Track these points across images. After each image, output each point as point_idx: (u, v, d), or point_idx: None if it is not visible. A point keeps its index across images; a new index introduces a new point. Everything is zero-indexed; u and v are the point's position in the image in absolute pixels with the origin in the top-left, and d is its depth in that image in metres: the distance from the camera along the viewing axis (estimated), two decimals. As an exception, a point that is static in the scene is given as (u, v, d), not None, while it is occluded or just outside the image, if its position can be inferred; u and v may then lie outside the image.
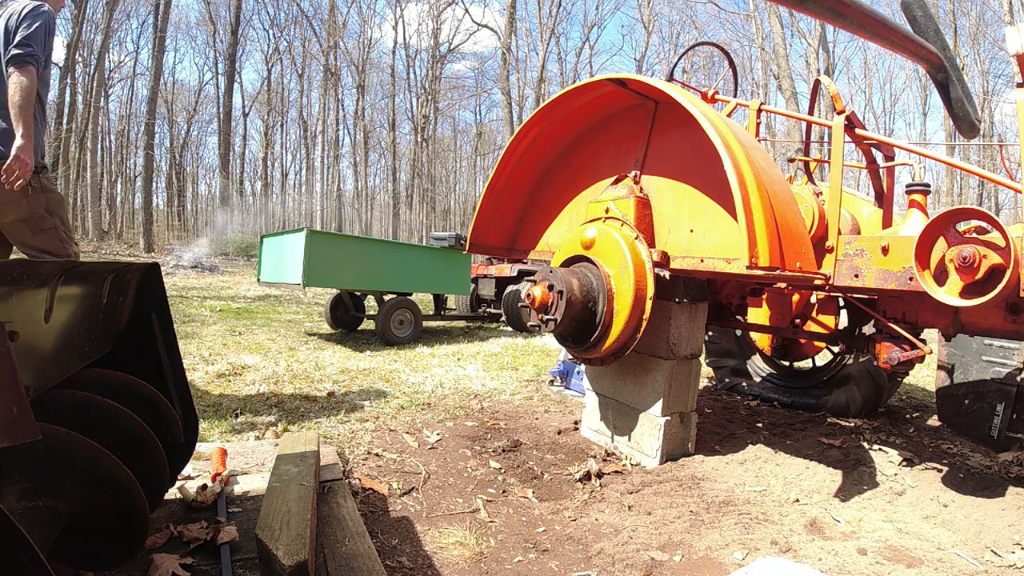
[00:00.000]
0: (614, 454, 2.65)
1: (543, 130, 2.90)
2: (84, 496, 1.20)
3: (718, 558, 1.77)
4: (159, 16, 19.67)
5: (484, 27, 31.46)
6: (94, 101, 24.61)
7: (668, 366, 2.51)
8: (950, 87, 2.53)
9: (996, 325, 2.23)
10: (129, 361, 1.61)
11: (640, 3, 30.58)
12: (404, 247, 6.34)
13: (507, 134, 24.44)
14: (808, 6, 2.03)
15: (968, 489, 2.36)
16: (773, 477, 2.41)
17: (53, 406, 1.28)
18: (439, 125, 36.67)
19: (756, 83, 26.12)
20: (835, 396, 3.58)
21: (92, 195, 26.34)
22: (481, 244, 3.17)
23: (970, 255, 1.85)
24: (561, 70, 32.48)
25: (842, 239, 2.31)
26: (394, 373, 4.21)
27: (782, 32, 17.10)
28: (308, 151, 36.05)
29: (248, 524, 1.69)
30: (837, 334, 3.04)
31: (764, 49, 21.40)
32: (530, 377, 4.39)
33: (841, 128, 2.43)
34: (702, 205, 2.29)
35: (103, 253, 19.35)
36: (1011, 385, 2.88)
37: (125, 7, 26.92)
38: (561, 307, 2.32)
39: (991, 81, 24.02)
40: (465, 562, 1.73)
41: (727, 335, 4.17)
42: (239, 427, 2.77)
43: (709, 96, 3.29)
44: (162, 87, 26.47)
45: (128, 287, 1.64)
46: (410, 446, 2.65)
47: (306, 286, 5.04)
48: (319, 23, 30.90)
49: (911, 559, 1.80)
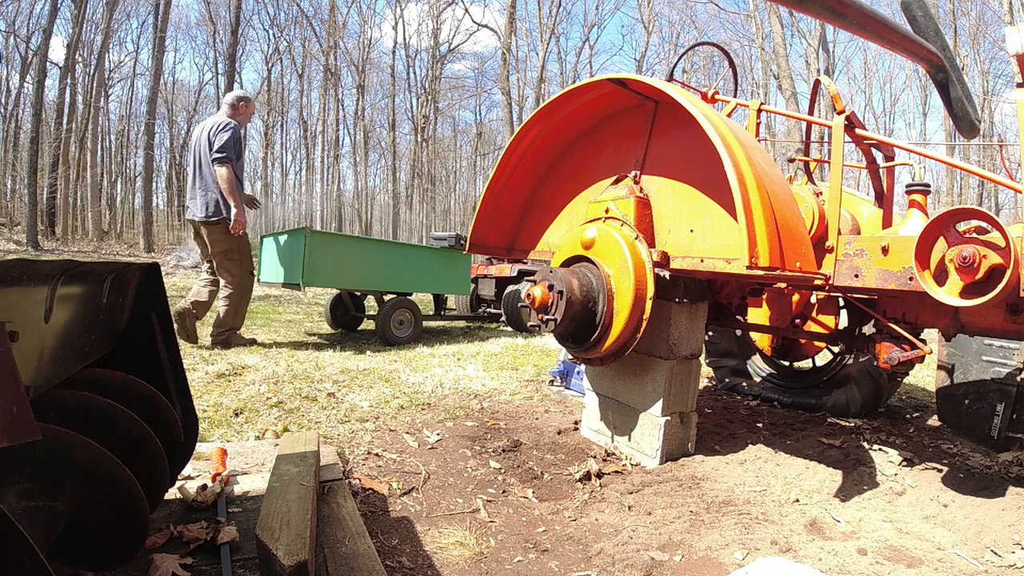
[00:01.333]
0: (614, 454, 2.65)
1: (543, 130, 2.90)
2: (84, 496, 1.20)
3: (718, 558, 1.77)
4: (159, 16, 19.67)
5: (484, 27, 31.50)
6: (94, 101, 24.62)
7: (668, 366, 2.51)
8: (950, 87, 2.53)
9: (996, 325, 2.23)
10: (129, 361, 1.61)
11: (640, 3, 30.58)
12: (404, 247, 6.34)
13: (507, 134, 24.43)
14: (808, 6, 2.03)
15: (968, 489, 2.36)
16: (773, 477, 2.41)
17: (53, 406, 1.28)
18: (439, 125, 36.67)
19: (756, 83, 26.12)
20: (835, 396, 3.58)
21: (92, 195, 26.33)
22: (481, 244, 3.17)
23: (970, 255, 1.85)
24: (561, 70, 32.48)
25: (842, 239, 2.31)
26: (394, 373, 4.21)
27: (782, 32, 17.11)
28: (308, 151, 36.05)
29: (248, 524, 1.69)
30: (837, 334, 3.03)
31: (764, 49, 21.40)
32: (530, 377, 4.39)
33: (841, 128, 2.43)
34: (702, 205, 2.29)
35: (103, 253, 19.36)
36: (1011, 385, 2.88)
37: (125, 7, 26.92)
38: (561, 307, 2.32)
39: (991, 81, 24.03)
40: (465, 562, 1.73)
41: (727, 335, 4.17)
42: (239, 427, 2.77)
43: (709, 96, 3.29)
44: (162, 87, 26.45)
45: (128, 287, 1.64)
46: (410, 446, 2.65)
47: (306, 286, 5.04)
48: (319, 23, 30.92)
49: (911, 559, 1.80)
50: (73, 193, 24.86)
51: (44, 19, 18.29)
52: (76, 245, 21.30)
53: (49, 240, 19.39)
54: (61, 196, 22.59)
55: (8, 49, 24.00)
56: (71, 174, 23.77)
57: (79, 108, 23.61)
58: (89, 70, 24.47)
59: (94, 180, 26.59)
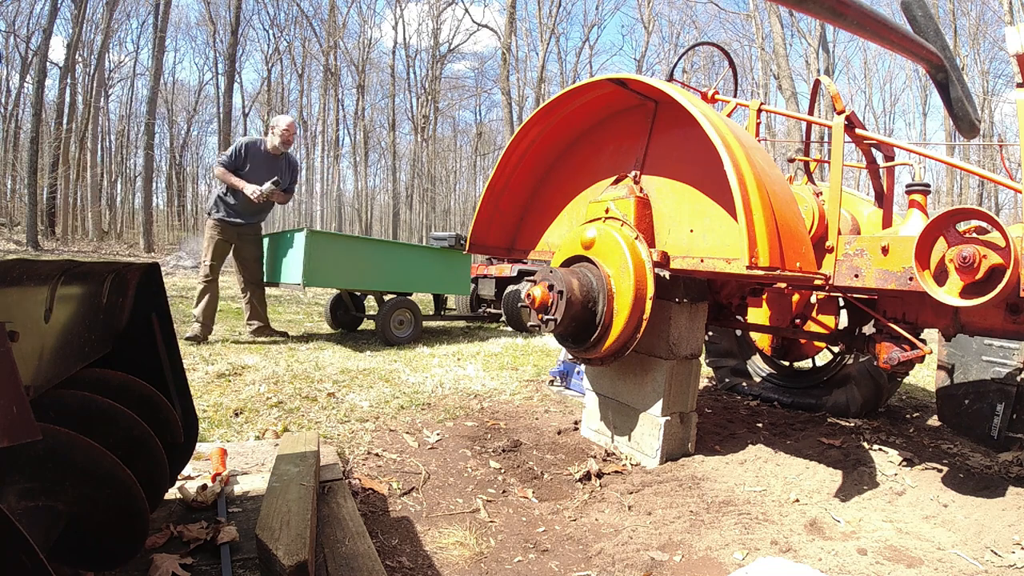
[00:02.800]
0: (614, 454, 2.65)
1: (543, 130, 2.90)
2: (84, 496, 1.20)
3: (718, 558, 1.77)
4: (159, 16, 19.67)
5: (484, 27, 31.45)
6: (94, 101, 24.62)
7: (668, 366, 2.51)
8: (950, 87, 2.52)
9: (996, 325, 2.23)
10: (129, 361, 1.61)
11: (640, 3, 30.56)
12: (404, 247, 6.34)
13: (507, 134, 24.43)
14: (808, 6, 2.03)
15: (968, 489, 2.36)
16: (773, 477, 2.41)
17: (53, 406, 1.28)
18: (439, 125, 36.63)
19: (756, 83, 26.11)
20: (835, 396, 3.58)
21: (92, 195, 26.33)
22: (481, 244, 3.17)
23: (970, 255, 1.85)
24: (561, 70, 32.46)
25: (842, 239, 2.31)
26: (394, 373, 4.21)
27: (782, 32, 17.11)
28: (308, 151, 36.02)
29: (248, 524, 1.69)
30: (837, 334, 3.03)
31: (764, 49, 21.39)
32: (530, 377, 4.39)
33: (841, 128, 2.43)
34: (702, 205, 2.29)
35: (103, 253, 19.36)
36: (1011, 385, 2.88)
37: (125, 7, 26.91)
38: (561, 307, 2.32)
39: (991, 81, 24.01)
40: (465, 562, 1.73)
41: (727, 335, 4.17)
42: (239, 427, 2.77)
43: (709, 96, 3.29)
44: (162, 87, 26.45)
45: (128, 287, 1.64)
46: (410, 446, 2.65)
47: (306, 286, 5.05)
48: (319, 23, 30.88)
49: (911, 559, 1.80)
50: (73, 193, 24.85)
51: (44, 19, 18.30)
52: (76, 245, 21.30)
53: (49, 240, 19.40)
54: (61, 196, 22.60)
55: (8, 49, 24.02)
56: (71, 174, 23.77)
57: (79, 108, 23.60)
58: (89, 70, 24.48)
59: (94, 180, 26.59)
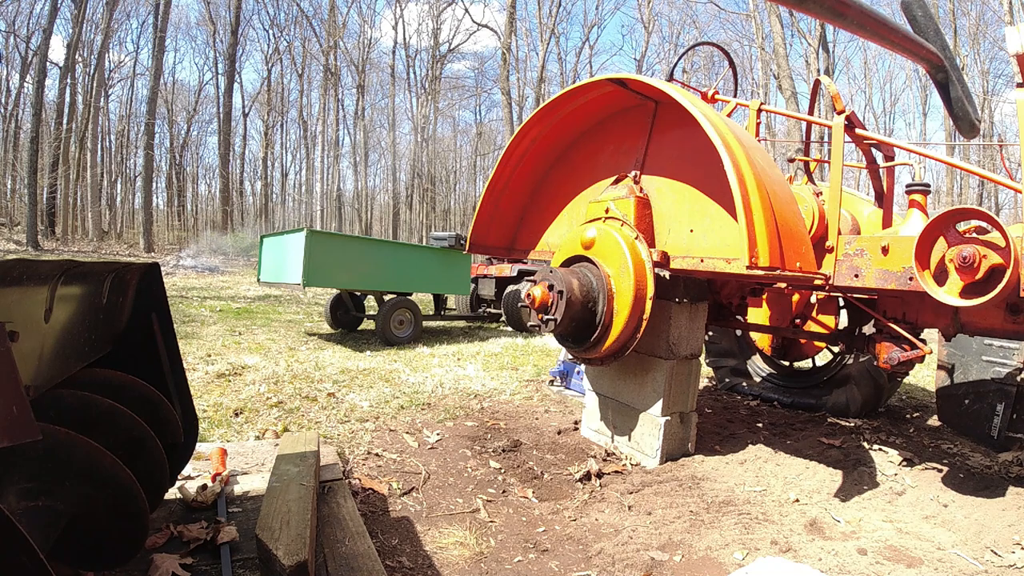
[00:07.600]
0: (614, 454, 2.65)
1: (543, 130, 2.90)
2: (84, 496, 1.20)
3: (718, 558, 1.77)
4: (159, 16, 19.68)
5: (484, 27, 31.47)
6: (94, 101, 24.61)
7: (668, 366, 2.51)
8: (950, 87, 2.52)
9: (996, 325, 2.23)
10: (129, 361, 1.61)
11: (640, 3, 30.55)
12: (404, 247, 6.34)
13: (507, 134, 24.43)
14: (808, 6, 2.03)
15: (968, 489, 2.36)
16: (773, 477, 2.41)
17: (53, 406, 1.28)
18: (439, 125, 36.64)
19: (756, 83, 26.10)
20: (835, 396, 3.58)
21: (92, 195, 26.31)
22: (481, 244, 3.17)
23: (970, 255, 1.85)
24: (561, 70, 32.44)
25: (842, 239, 2.31)
26: (394, 373, 4.21)
27: (782, 32, 17.10)
28: (308, 151, 36.01)
29: (248, 524, 1.69)
30: (837, 334, 3.03)
31: (764, 49, 21.38)
32: (530, 377, 4.39)
33: (841, 128, 2.43)
34: (702, 205, 2.29)
35: (103, 253, 19.35)
36: (1011, 385, 2.88)
37: (125, 7, 26.90)
38: (561, 307, 2.32)
39: (991, 81, 24.00)
40: (465, 562, 1.73)
41: (727, 335, 4.17)
42: (239, 427, 2.77)
43: (709, 96, 3.29)
44: (162, 87, 26.45)
45: (128, 287, 1.64)
46: (410, 446, 2.65)
47: (306, 286, 5.05)
48: (319, 23, 30.88)
49: (911, 559, 1.80)
50: (73, 193, 24.84)
51: (44, 19, 18.30)
52: (76, 245, 21.29)
53: (49, 240, 19.39)
54: (61, 196, 22.59)
55: (8, 49, 24.01)
56: (71, 174, 23.76)
57: (79, 108, 23.59)
58: (89, 70, 24.46)
59: (94, 180, 26.58)
